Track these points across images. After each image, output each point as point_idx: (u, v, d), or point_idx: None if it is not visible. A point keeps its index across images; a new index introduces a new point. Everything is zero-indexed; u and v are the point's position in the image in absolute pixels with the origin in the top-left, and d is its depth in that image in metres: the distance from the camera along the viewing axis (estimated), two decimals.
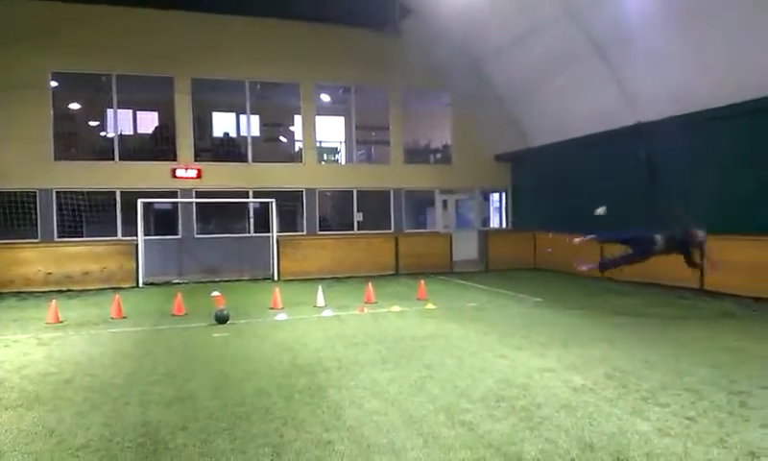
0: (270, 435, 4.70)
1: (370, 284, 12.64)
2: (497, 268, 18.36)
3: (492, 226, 23.27)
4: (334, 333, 8.86)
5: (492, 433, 4.64)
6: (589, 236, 10.72)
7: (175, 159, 18.80)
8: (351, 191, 20.72)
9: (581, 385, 5.89)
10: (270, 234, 17.14)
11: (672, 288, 12.93)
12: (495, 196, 23.69)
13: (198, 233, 18.86)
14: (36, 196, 17.52)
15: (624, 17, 13.25)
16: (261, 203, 18.69)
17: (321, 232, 20.03)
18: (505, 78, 18.59)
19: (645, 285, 13.68)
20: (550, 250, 17.79)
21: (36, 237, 17.28)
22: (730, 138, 12.72)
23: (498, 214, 23.82)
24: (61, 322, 10.21)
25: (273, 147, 22.97)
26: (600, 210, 17.18)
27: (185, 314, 10.75)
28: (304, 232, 19.88)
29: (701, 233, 9.76)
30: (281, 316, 10.48)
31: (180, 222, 18.74)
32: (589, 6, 13.86)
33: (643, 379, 6.04)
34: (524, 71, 17.48)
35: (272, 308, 11.30)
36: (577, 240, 10.74)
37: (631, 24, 13.21)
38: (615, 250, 11.52)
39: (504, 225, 23.01)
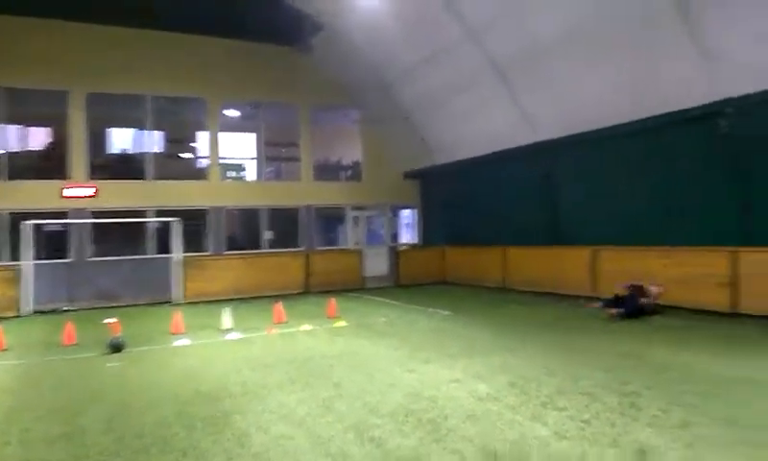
0: None
1: (279, 304, 12.37)
2: (408, 283, 18.62)
3: (402, 241, 23.59)
4: (241, 356, 8.57)
5: (401, 448, 4.64)
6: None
7: (68, 178, 17.59)
8: (260, 209, 20.29)
9: (485, 394, 6.05)
10: (173, 255, 16.37)
11: (571, 297, 13.66)
12: (406, 212, 24.08)
13: (91, 256, 17.65)
14: None
15: (523, 42, 13.98)
16: (163, 222, 17.84)
17: (228, 252, 19.40)
18: (412, 97, 19.03)
19: (546, 295, 14.37)
20: None
21: None
22: (619, 156, 13.67)
23: (409, 230, 24.22)
24: None
25: (176, 164, 22.06)
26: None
27: (76, 344, 9.96)
28: (210, 253, 19.19)
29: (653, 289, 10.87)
30: (183, 341, 9.99)
31: (71, 244, 17.49)
32: (491, 31, 14.49)
33: (543, 385, 6.30)
34: (431, 91, 17.99)
35: (173, 334, 10.73)
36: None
37: (529, 49, 13.94)
38: None
39: (415, 240, 23.40)
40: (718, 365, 7.08)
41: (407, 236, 24.01)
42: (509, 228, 17.13)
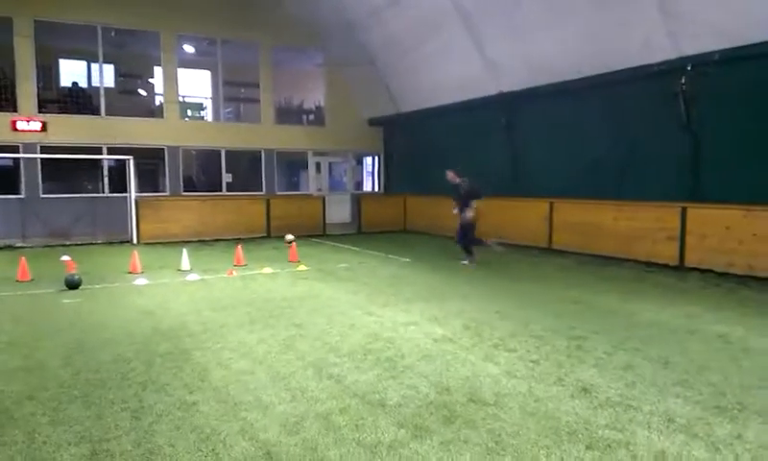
0: (129, 400, 4.50)
1: (239, 247, 12.34)
2: (370, 230, 18.76)
3: (365, 189, 23.61)
4: (200, 297, 8.59)
5: (358, 383, 4.82)
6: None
7: (15, 110, 16.78)
8: (219, 150, 19.87)
9: (441, 336, 6.29)
10: (128, 195, 15.98)
11: (524, 247, 14.06)
12: (369, 160, 24.01)
13: (44, 193, 17.10)
14: None
15: None
16: (117, 160, 17.31)
17: (185, 193, 19.06)
18: (377, 41, 18.70)
19: (506, 245, 14.69)
20: None
21: None
22: (579, 110, 13.86)
23: (371, 178, 24.21)
24: None
25: (130, 100, 21.26)
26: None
27: (31, 280, 9.81)
28: (167, 193, 18.81)
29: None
30: (141, 281, 9.91)
31: (22, 180, 16.86)
32: None
33: (495, 329, 6.58)
34: (395, 36, 17.70)
35: (130, 273, 10.64)
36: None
37: None
38: None
39: (377, 188, 23.45)
40: (662, 313, 7.49)
41: (369, 184, 24.02)
42: (470, 178, 17.23)
